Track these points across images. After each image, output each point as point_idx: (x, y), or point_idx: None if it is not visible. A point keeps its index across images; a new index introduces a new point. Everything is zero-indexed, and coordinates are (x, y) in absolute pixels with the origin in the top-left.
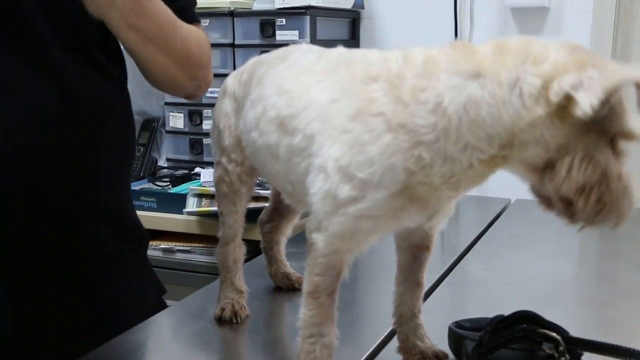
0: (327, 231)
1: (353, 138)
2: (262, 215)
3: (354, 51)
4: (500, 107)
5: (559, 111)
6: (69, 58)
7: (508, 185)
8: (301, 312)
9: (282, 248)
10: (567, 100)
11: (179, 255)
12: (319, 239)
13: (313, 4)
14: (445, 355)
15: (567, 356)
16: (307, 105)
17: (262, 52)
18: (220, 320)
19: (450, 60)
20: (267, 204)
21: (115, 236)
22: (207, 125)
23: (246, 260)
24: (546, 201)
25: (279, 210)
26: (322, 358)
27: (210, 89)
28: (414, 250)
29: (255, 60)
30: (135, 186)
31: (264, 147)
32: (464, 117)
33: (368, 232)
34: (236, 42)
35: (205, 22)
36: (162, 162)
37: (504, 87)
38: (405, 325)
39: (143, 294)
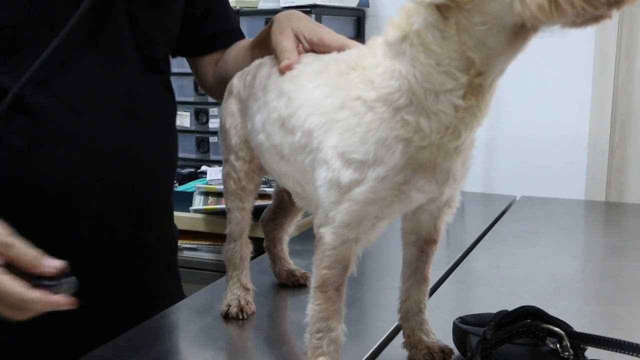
0: (335, 222)
1: (344, 125)
2: (265, 214)
3: (344, 52)
4: (431, 47)
5: (468, 1)
6: (143, 69)
7: (513, 182)
8: (309, 308)
9: (285, 246)
10: None
11: (185, 253)
12: (326, 232)
13: (318, 2)
14: (451, 351)
15: (571, 351)
16: (302, 103)
17: None
18: (226, 317)
19: (386, 35)
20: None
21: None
22: (213, 123)
23: (252, 258)
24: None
25: (282, 209)
26: (329, 353)
27: None
28: (421, 244)
29: (259, 61)
30: None
31: (271, 149)
32: (416, 73)
33: (375, 217)
34: None
35: None
36: None
37: (422, 33)
38: (411, 320)
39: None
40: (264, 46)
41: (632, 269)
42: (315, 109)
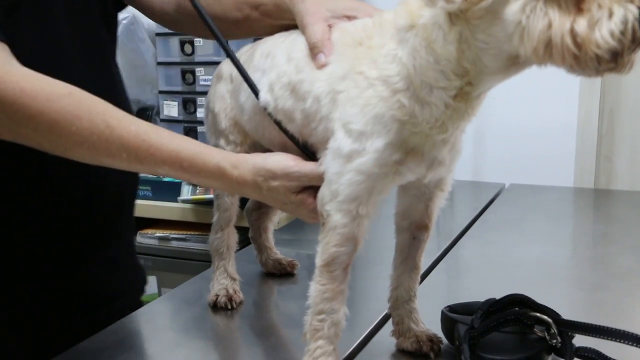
0: (339, 196)
1: (345, 96)
2: (249, 204)
3: (349, 22)
4: (432, 45)
5: (477, 18)
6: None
7: (502, 170)
8: (312, 289)
9: (270, 235)
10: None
11: (174, 243)
12: (333, 209)
13: None
14: (439, 340)
15: (559, 338)
16: (311, 70)
17: None
18: (214, 307)
19: (396, 17)
20: None
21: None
22: (201, 113)
23: (237, 250)
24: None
25: None
26: (329, 337)
27: (203, 77)
28: (413, 230)
29: (251, 44)
30: None
31: (280, 111)
32: (415, 64)
33: (379, 192)
34: None
35: None
36: None
37: (428, 28)
38: (401, 308)
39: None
40: (271, 13)
41: (620, 255)
42: (320, 76)
